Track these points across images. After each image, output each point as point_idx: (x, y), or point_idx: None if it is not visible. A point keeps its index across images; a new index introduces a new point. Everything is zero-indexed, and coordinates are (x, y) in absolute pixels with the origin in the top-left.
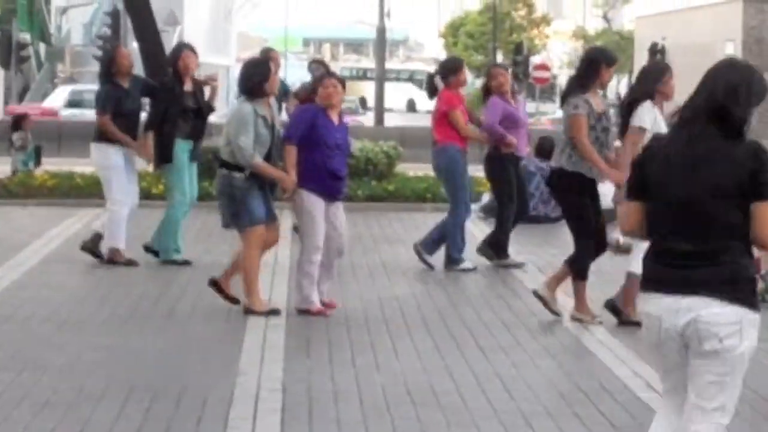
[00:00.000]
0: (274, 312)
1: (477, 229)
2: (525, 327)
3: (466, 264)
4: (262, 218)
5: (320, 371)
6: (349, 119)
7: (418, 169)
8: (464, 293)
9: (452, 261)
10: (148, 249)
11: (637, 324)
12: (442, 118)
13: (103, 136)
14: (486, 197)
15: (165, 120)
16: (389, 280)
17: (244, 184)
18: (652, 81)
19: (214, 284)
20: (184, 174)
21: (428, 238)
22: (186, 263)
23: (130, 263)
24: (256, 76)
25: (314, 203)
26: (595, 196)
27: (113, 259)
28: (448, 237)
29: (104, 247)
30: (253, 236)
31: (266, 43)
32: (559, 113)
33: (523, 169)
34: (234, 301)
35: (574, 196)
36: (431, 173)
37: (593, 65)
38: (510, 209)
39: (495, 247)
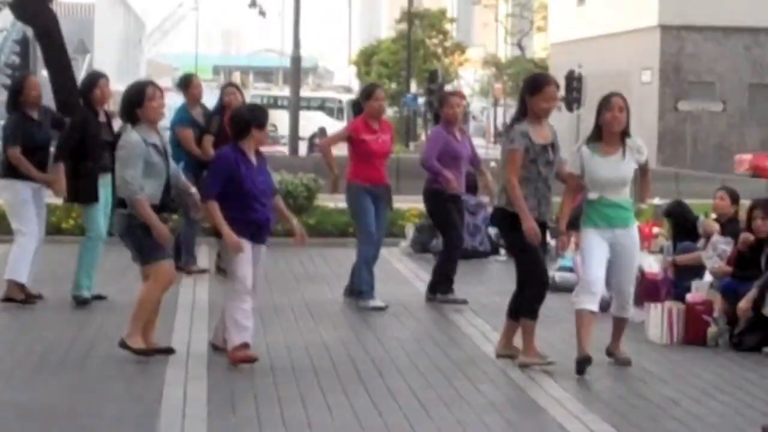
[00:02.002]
0: (150, 353)
1: (403, 266)
2: (466, 377)
3: (376, 302)
4: (165, 256)
5: (247, 429)
6: (271, 149)
7: (339, 201)
8: (396, 338)
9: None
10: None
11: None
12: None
13: (10, 171)
14: (411, 231)
15: (83, 155)
16: (315, 322)
17: (144, 223)
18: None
19: (121, 344)
20: (100, 209)
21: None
22: (98, 298)
23: (30, 299)
24: (129, 101)
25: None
26: (543, 236)
27: (10, 297)
28: (359, 269)
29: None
30: (160, 273)
31: (177, 71)
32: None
33: (463, 205)
34: (168, 351)
35: (516, 235)
36: None
37: (521, 95)
38: (456, 238)
39: (441, 282)
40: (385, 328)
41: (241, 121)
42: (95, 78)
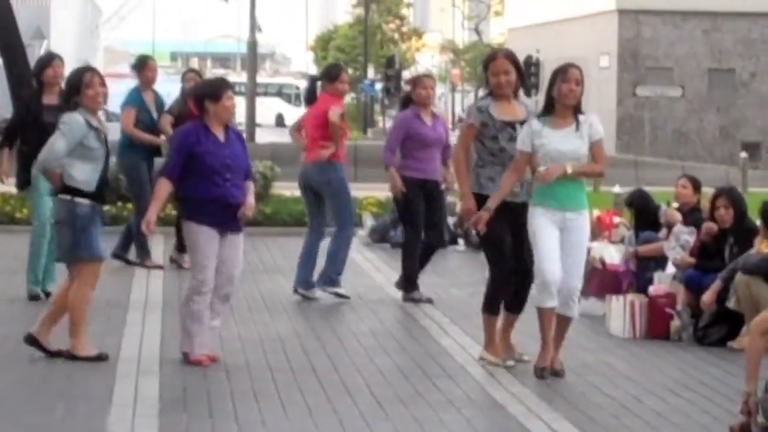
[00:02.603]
0: (102, 358)
1: (361, 257)
2: (424, 374)
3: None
4: (101, 254)
5: (199, 427)
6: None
7: (295, 189)
8: (352, 332)
9: (310, 286)
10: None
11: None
12: (322, 126)
13: None
14: (369, 220)
15: (23, 137)
16: (270, 315)
17: (88, 212)
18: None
19: (31, 340)
20: (44, 198)
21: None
22: (47, 294)
23: None
24: (69, 88)
25: (204, 235)
26: (517, 220)
27: None
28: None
29: None
30: (89, 272)
31: (132, 57)
32: None
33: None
34: (58, 354)
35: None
36: None
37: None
38: (414, 239)
39: (404, 282)
40: (342, 321)
41: (196, 96)
42: (50, 58)
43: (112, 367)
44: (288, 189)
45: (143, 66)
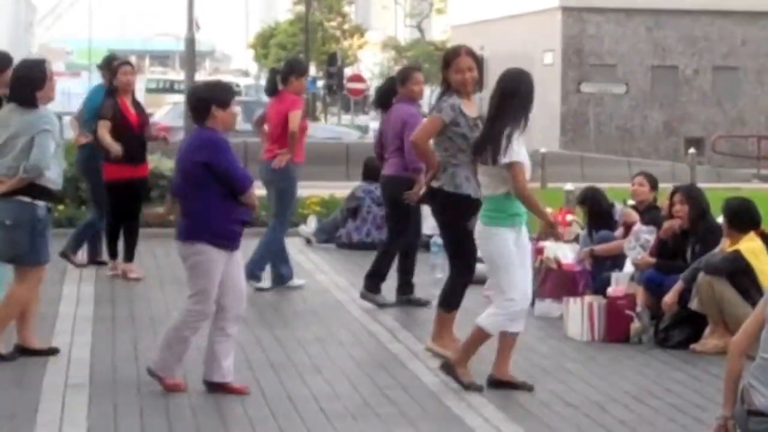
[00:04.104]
0: (5, 358)
1: (304, 257)
2: (373, 383)
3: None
4: (48, 259)
5: None
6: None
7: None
8: (297, 338)
9: (254, 277)
10: None
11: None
12: (283, 125)
13: None
14: (313, 221)
15: None
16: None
17: (46, 216)
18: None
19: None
20: None
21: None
22: None
23: None
24: (28, 81)
25: (219, 260)
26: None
27: None
28: (267, 253)
29: None
30: (36, 276)
31: (70, 55)
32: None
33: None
34: (51, 351)
35: (454, 220)
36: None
37: (441, 70)
38: (398, 241)
39: (370, 278)
40: (286, 326)
41: (199, 100)
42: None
43: (39, 380)
44: None
45: (110, 65)
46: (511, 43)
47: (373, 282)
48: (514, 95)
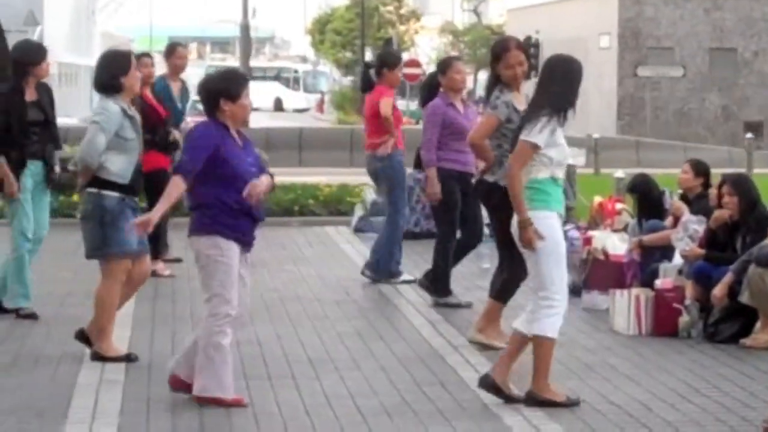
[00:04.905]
0: (131, 359)
1: (350, 246)
2: (412, 378)
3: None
4: (132, 249)
5: None
6: None
7: (285, 175)
8: (338, 332)
9: (392, 274)
10: None
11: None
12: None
13: None
14: (361, 210)
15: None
16: (250, 315)
17: (116, 206)
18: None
19: (83, 337)
20: (26, 203)
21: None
22: (32, 317)
23: None
24: (112, 70)
25: (229, 251)
26: None
27: None
28: (395, 245)
29: None
30: (118, 269)
31: (132, 43)
32: None
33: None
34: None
35: (509, 215)
36: (299, 181)
37: (491, 63)
38: (450, 238)
39: (435, 283)
40: (326, 319)
41: (208, 92)
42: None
43: (73, 378)
44: (278, 176)
45: (171, 53)
46: (566, 27)
47: (439, 287)
48: (553, 82)
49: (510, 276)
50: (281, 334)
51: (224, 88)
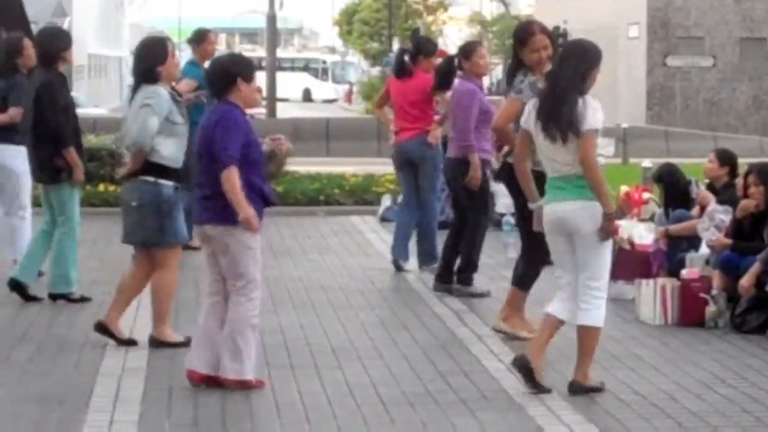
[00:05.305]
0: (188, 344)
1: (375, 235)
2: (435, 368)
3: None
4: (185, 238)
5: None
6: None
7: (312, 165)
8: (361, 321)
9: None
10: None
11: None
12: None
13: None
14: (387, 199)
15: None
16: (273, 303)
17: (173, 195)
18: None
19: (101, 327)
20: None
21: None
22: (84, 300)
23: None
24: (150, 58)
25: (257, 236)
26: None
27: None
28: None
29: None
30: (174, 257)
31: (160, 34)
32: None
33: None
34: (130, 342)
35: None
36: (324, 171)
37: (513, 47)
38: (483, 225)
39: (464, 273)
40: (350, 308)
41: (224, 73)
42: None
43: (96, 364)
44: (304, 166)
45: (203, 39)
46: (595, 17)
47: (465, 275)
48: (566, 69)
49: (531, 262)
50: (304, 323)
51: (243, 69)
